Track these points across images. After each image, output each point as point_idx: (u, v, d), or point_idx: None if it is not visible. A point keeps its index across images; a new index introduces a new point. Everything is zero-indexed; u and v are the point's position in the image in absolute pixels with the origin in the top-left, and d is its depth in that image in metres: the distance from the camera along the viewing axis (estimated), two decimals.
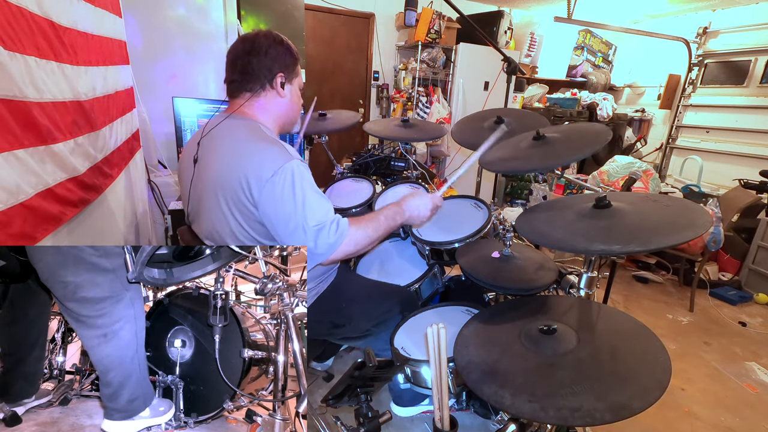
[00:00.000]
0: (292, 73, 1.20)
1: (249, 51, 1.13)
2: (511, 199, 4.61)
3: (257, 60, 1.13)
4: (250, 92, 1.16)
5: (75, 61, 1.28)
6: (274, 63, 1.15)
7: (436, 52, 4.15)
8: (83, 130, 1.30)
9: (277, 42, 1.15)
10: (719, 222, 2.72)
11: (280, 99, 1.19)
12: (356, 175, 2.03)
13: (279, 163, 1.02)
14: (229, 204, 1.07)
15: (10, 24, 0.91)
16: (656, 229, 0.88)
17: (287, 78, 1.18)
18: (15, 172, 0.91)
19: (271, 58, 1.14)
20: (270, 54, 1.14)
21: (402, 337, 1.32)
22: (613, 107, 4.90)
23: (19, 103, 0.93)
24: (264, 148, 1.06)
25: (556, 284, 1.23)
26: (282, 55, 1.16)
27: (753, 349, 2.39)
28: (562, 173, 1.34)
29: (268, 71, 1.15)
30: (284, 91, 1.19)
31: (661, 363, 0.76)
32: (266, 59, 1.14)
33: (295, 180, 1.03)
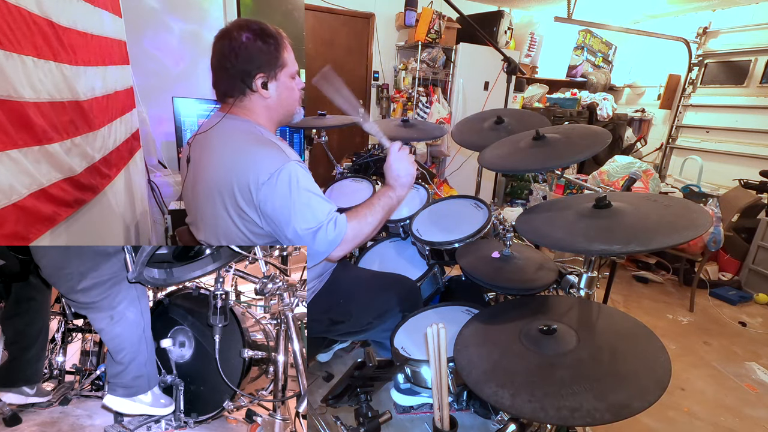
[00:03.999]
0: (274, 68, 1.09)
1: (221, 55, 1.05)
2: (511, 199, 4.61)
3: (231, 64, 1.05)
4: (233, 97, 1.11)
5: (74, 61, 1.28)
6: (250, 64, 1.06)
7: (436, 52, 4.14)
8: (81, 130, 1.30)
9: (253, 37, 1.04)
10: (719, 222, 2.72)
11: (265, 100, 1.12)
12: (356, 175, 2.02)
13: (276, 165, 1.01)
14: (227, 207, 1.07)
15: (8, 24, 0.91)
16: (656, 229, 0.87)
17: (269, 76, 1.09)
18: (8, 173, 0.91)
19: (246, 59, 1.05)
20: (243, 55, 1.04)
21: (402, 337, 1.32)
22: (613, 107, 4.90)
23: (14, 103, 0.93)
24: (260, 150, 1.05)
25: (556, 284, 1.23)
26: (258, 53, 1.05)
27: (753, 349, 2.39)
28: (562, 173, 1.34)
29: (246, 75, 1.07)
30: (268, 91, 1.11)
31: (661, 363, 0.76)
32: (240, 62, 1.04)
33: (292, 181, 1.02)
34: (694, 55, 4.45)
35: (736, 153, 4.22)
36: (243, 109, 1.15)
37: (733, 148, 4.27)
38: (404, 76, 4.27)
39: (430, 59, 4.15)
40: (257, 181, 1.01)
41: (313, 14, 4.15)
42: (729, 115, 4.33)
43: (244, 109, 1.15)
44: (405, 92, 4.29)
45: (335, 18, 4.32)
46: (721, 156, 4.33)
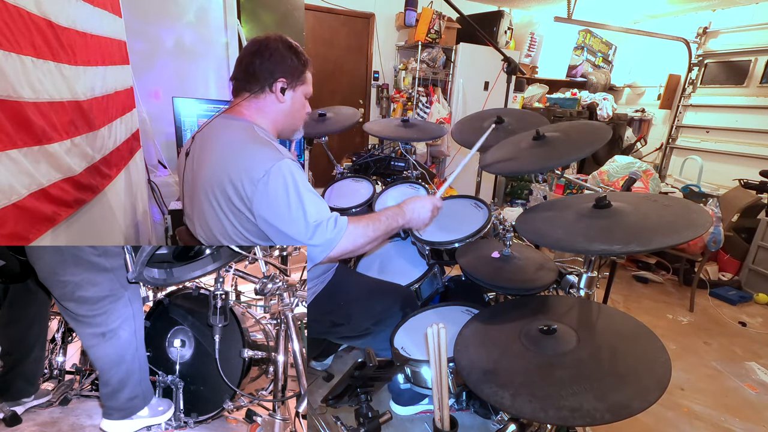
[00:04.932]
0: (296, 81, 1.19)
1: (255, 52, 1.14)
2: (511, 199, 4.61)
3: (260, 61, 1.13)
4: (249, 92, 1.16)
5: (73, 61, 1.28)
6: (277, 67, 1.14)
7: (436, 52, 4.14)
8: (81, 130, 1.30)
9: (285, 47, 1.15)
10: (719, 222, 2.72)
11: (279, 104, 1.18)
12: (356, 175, 2.03)
13: (270, 163, 1.02)
14: (221, 205, 1.07)
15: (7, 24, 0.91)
16: (656, 229, 0.87)
17: (290, 84, 1.17)
18: (8, 173, 0.91)
19: (275, 61, 1.14)
20: (274, 57, 1.13)
21: (402, 337, 1.32)
22: (613, 107, 4.90)
23: (14, 103, 0.93)
24: (254, 149, 1.06)
25: (556, 284, 1.23)
26: (286, 60, 1.15)
27: (753, 349, 2.39)
28: (562, 173, 1.34)
29: (269, 74, 1.14)
30: (284, 97, 1.18)
31: (661, 363, 0.76)
32: (269, 62, 1.13)
33: (287, 179, 1.02)
34: (694, 55, 4.45)
35: (736, 153, 4.22)
36: (248, 109, 1.17)
37: (733, 148, 4.27)
38: (404, 76, 4.27)
39: (430, 59, 4.15)
40: (252, 179, 1.01)
41: (313, 14, 4.15)
42: (729, 115, 4.33)
43: (250, 108, 1.17)
44: (405, 92, 4.29)
45: (335, 18, 4.32)
46: (721, 156, 4.33)
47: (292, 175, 1.03)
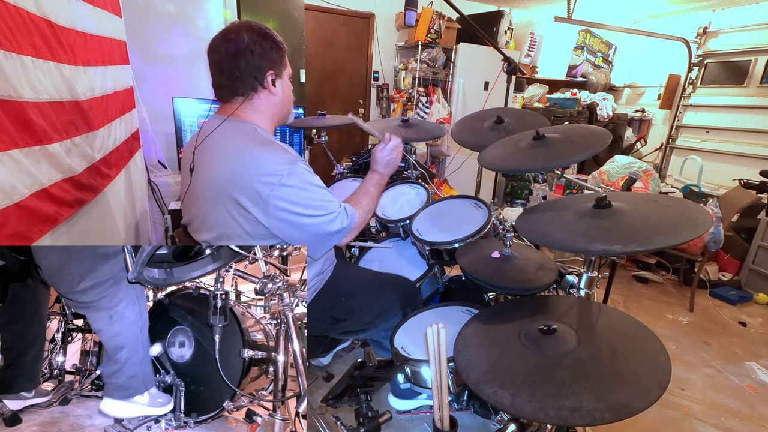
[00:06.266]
0: (280, 67, 1.15)
1: (234, 53, 1.07)
2: (511, 199, 4.61)
3: (245, 61, 1.08)
4: (243, 96, 1.13)
5: (73, 61, 1.28)
6: (262, 61, 1.10)
7: (436, 52, 4.14)
8: (81, 130, 1.30)
9: (262, 37, 1.09)
10: (719, 222, 2.71)
11: (273, 97, 1.16)
12: (356, 175, 2.03)
13: (284, 166, 1.03)
14: (231, 211, 1.07)
15: (7, 24, 0.91)
16: (656, 229, 0.87)
17: (277, 73, 1.14)
18: (10, 173, 0.91)
19: (259, 56, 1.09)
20: (256, 53, 1.08)
21: (402, 337, 1.32)
22: (613, 107, 4.90)
23: (14, 103, 0.93)
24: (265, 152, 1.07)
25: (556, 284, 1.23)
26: (269, 51, 1.10)
27: (753, 349, 2.39)
28: (562, 173, 1.34)
29: (257, 71, 1.10)
30: (276, 88, 1.15)
31: (661, 363, 0.76)
32: (254, 59, 1.08)
33: (301, 180, 1.05)
34: (694, 55, 4.45)
35: (736, 153, 4.22)
36: (246, 111, 1.15)
37: (733, 148, 4.27)
38: (404, 76, 4.27)
39: (430, 59, 4.14)
40: (269, 183, 1.02)
41: (313, 14, 4.15)
42: (729, 115, 4.33)
43: (248, 110, 1.15)
44: (405, 92, 4.29)
45: (335, 18, 4.32)
46: (721, 156, 4.33)
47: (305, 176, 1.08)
